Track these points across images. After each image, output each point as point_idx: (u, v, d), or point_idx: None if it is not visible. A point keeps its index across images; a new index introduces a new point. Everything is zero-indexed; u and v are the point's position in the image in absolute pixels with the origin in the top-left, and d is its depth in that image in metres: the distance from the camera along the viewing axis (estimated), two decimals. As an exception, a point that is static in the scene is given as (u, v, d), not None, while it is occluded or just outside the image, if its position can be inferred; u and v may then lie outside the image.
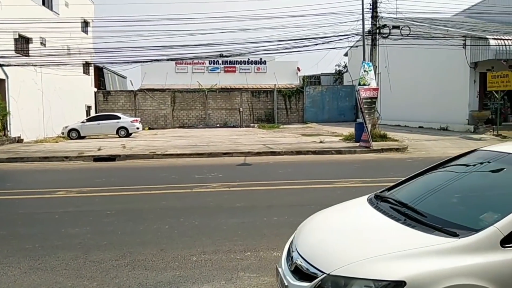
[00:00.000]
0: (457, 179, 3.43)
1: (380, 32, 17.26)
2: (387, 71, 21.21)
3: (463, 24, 22.98)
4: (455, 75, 21.44)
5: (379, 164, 12.16)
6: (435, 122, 22.84)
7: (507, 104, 22.56)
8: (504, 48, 18.66)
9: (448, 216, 2.84)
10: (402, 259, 2.43)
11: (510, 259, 2.36)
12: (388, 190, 3.73)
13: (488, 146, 3.73)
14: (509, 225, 2.42)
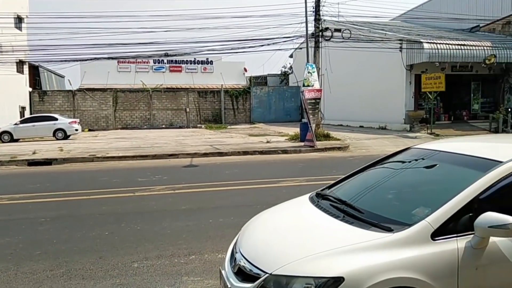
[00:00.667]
0: (392, 176, 3.58)
1: (323, 34, 17.75)
2: (329, 72, 21.89)
3: (400, 28, 24.30)
4: (392, 76, 22.57)
5: (323, 162, 12.49)
6: (374, 122, 23.90)
7: (440, 105, 24.12)
8: (437, 52, 19.94)
9: (384, 212, 2.94)
10: (340, 256, 2.48)
11: (440, 251, 2.48)
12: (328, 188, 3.81)
13: (421, 144, 3.92)
14: (438, 219, 2.55)
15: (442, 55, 19.96)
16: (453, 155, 3.31)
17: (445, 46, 20.15)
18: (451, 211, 2.57)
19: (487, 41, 21.16)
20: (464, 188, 2.65)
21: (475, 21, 24.22)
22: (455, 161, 3.23)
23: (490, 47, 20.59)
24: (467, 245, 2.50)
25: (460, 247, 2.50)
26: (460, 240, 2.52)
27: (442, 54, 19.96)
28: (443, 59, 20.03)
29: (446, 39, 20.99)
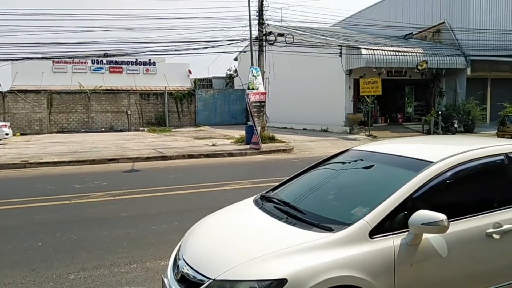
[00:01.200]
0: (333, 176, 3.68)
1: (267, 38, 17.99)
2: (274, 76, 22.21)
3: (339, 34, 25.23)
4: (333, 81, 23.37)
5: (268, 164, 12.62)
6: (317, 124, 24.60)
7: (377, 108, 25.35)
8: (374, 57, 20.95)
9: (325, 212, 3.02)
10: (283, 257, 2.49)
11: (377, 249, 2.58)
12: (273, 190, 3.84)
13: (360, 146, 4.07)
14: (376, 217, 2.65)
15: (378, 61, 21.00)
16: (389, 156, 3.47)
17: (381, 52, 21.23)
18: (387, 210, 2.68)
19: (419, 48, 22.58)
20: (399, 188, 2.78)
21: (408, 28, 25.75)
22: (390, 162, 3.38)
23: (422, 54, 21.99)
24: (403, 242, 2.62)
25: (396, 245, 2.61)
26: (396, 238, 2.64)
27: (378, 59, 21.01)
28: (379, 64, 21.08)
29: (382, 46, 22.12)
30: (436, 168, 2.92)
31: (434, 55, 22.27)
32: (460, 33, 23.31)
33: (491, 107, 25.13)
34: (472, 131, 22.05)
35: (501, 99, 23.66)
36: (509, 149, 3.27)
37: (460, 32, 23.30)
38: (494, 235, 2.87)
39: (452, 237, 2.73)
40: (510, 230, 2.92)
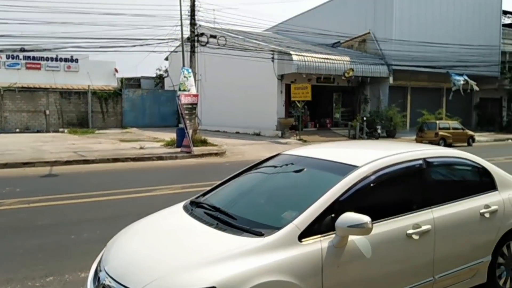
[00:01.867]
0: (264, 181, 3.68)
1: (199, 39, 17.78)
2: (206, 78, 22.03)
3: (272, 39, 25.75)
4: (265, 85, 23.74)
5: (200, 168, 12.43)
6: (250, 128, 24.82)
7: (307, 113, 26.19)
8: (304, 64, 21.65)
9: (256, 217, 2.98)
10: (212, 265, 2.41)
11: (306, 252, 2.59)
12: (203, 195, 3.74)
13: (291, 150, 4.11)
14: (304, 221, 2.67)
15: (309, 67, 21.74)
16: (318, 160, 3.54)
17: (311, 59, 22.00)
18: (316, 213, 2.71)
19: (346, 56, 23.76)
20: (327, 191, 2.83)
21: (337, 37, 26.99)
22: (319, 166, 3.45)
23: (349, 62, 23.15)
24: (330, 244, 2.66)
25: (323, 247, 2.64)
26: (324, 240, 2.67)
27: (309, 66, 21.74)
28: (309, 70, 21.83)
29: (312, 52, 22.94)
30: (361, 172, 3.02)
31: (360, 64, 23.57)
32: (383, 44, 24.92)
33: (411, 114, 27.17)
34: (393, 136, 23.63)
35: (420, 107, 25.70)
36: (427, 154, 3.49)
37: (383, 42, 24.91)
38: (414, 236, 3.03)
39: (375, 238, 2.82)
40: (428, 230, 3.09)
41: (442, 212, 3.25)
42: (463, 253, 3.39)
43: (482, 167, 3.81)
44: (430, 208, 3.22)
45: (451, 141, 19.82)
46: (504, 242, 3.66)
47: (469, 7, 27.80)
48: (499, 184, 3.78)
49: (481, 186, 3.72)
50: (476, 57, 26.80)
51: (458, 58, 26.06)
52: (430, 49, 25.03)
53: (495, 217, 3.57)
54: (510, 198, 3.73)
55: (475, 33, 27.73)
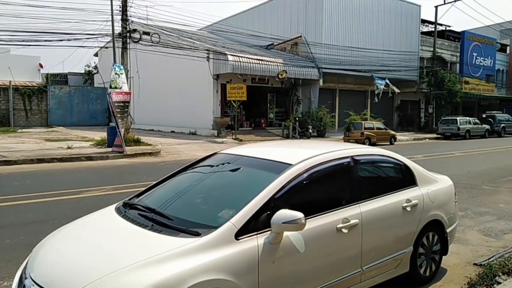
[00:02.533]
0: (201, 180, 3.66)
1: (131, 36, 17.19)
2: (140, 76, 21.36)
3: (207, 38, 25.60)
4: (201, 84, 23.57)
5: (133, 169, 12.03)
6: (185, 127, 24.48)
7: (243, 113, 26.41)
8: (240, 64, 21.79)
9: (193, 217, 2.98)
10: (147, 267, 2.37)
11: (242, 249, 2.64)
12: (137, 196, 3.65)
13: (227, 149, 4.15)
14: (241, 219, 2.72)
15: (244, 68, 21.93)
16: (253, 159, 3.61)
17: (246, 59, 22.22)
18: (252, 211, 2.77)
19: (280, 58, 24.31)
20: (263, 189, 2.91)
21: (270, 39, 27.52)
22: (255, 165, 3.52)
23: (282, 64, 23.70)
24: (266, 241, 2.74)
25: (260, 244, 2.71)
26: (260, 237, 2.74)
27: (244, 66, 21.94)
28: (245, 71, 22.03)
29: (247, 53, 23.17)
30: (295, 170, 3.14)
31: (293, 66, 24.24)
32: (314, 47, 25.86)
33: (339, 114, 28.50)
34: (324, 136, 24.63)
35: (347, 108, 27.10)
36: (354, 153, 3.71)
37: (314, 46, 25.85)
38: (343, 230, 3.21)
39: (308, 233, 2.95)
40: (356, 224, 3.30)
41: (368, 207, 3.47)
42: (388, 244, 3.65)
43: (404, 165, 4.13)
44: (357, 203, 3.42)
45: (375, 140, 21.15)
46: (424, 234, 4.00)
47: (391, 15, 29.78)
48: (419, 180, 4.11)
49: (403, 182, 4.02)
50: (398, 62, 28.84)
51: (381, 62, 27.86)
52: (357, 53, 26.48)
53: (416, 211, 3.88)
54: (428, 193, 4.08)
55: (397, 39, 29.81)
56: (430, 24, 34.58)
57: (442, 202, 4.21)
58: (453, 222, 4.42)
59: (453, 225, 4.41)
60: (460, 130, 27.03)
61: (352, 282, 3.33)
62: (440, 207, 4.16)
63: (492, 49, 38.78)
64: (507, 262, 4.25)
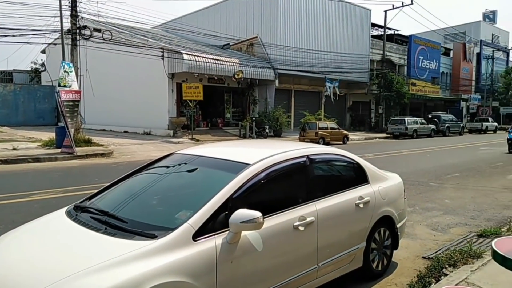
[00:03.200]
0: (157, 181, 3.58)
1: (81, 32, 16.52)
2: (90, 74, 20.56)
3: (161, 37, 25.11)
4: (156, 83, 23.10)
5: (84, 170, 11.57)
6: (139, 127, 23.89)
7: (199, 112, 26.18)
8: (195, 63, 21.56)
9: (149, 219, 2.91)
10: (100, 272, 2.29)
11: (200, 250, 2.61)
12: (89, 199, 3.52)
13: (183, 150, 4.08)
14: (199, 220, 2.69)
15: (200, 67, 21.74)
16: (211, 159, 3.59)
17: (202, 59, 22.03)
18: (210, 211, 2.75)
19: (236, 58, 24.31)
20: (220, 190, 2.90)
21: (226, 39, 27.47)
22: (212, 165, 3.50)
23: (238, 64, 23.73)
24: (224, 241, 2.73)
25: (217, 244, 2.70)
26: (218, 238, 2.73)
27: (200, 66, 21.74)
28: (201, 70, 21.83)
29: (203, 53, 22.98)
30: (252, 169, 3.15)
31: (249, 66, 24.34)
32: (269, 48, 26.11)
33: (294, 115, 28.99)
34: (280, 135, 24.94)
35: (302, 108, 27.63)
36: (310, 152, 3.79)
37: (269, 47, 26.10)
38: (300, 227, 3.26)
39: (266, 232, 2.97)
40: (312, 222, 3.36)
41: (323, 204, 3.55)
42: (342, 241, 3.75)
43: (356, 163, 4.26)
44: (313, 201, 3.49)
45: (329, 139, 21.72)
46: (376, 229, 4.15)
47: (343, 19, 30.71)
48: (371, 178, 4.27)
49: (356, 180, 4.15)
50: (350, 64, 29.78)
51: (334, 64, 28.65)
52: (311, 55, 27.06)
53: (368, 207, 4.02)
54: (379, 190, 4.24)
55: (349, 42, 30.77)
56: (379, 28, 35.98)
57: (392, 199, 4.39)
58: (402, 217, 4.62)
59: (403, 221, 4.61)
60: (408, 129, 28.31)
61: (308, 279, 3.39)
62: (390, 203, 4.33)
63: (437, 53, 40.99)
64: (453, 254, 4.51)
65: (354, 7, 31.74)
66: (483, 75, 47.38)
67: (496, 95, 47.56)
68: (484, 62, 47.33)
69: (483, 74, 47.35)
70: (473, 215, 6.88)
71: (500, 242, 2.54)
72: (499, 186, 9.64)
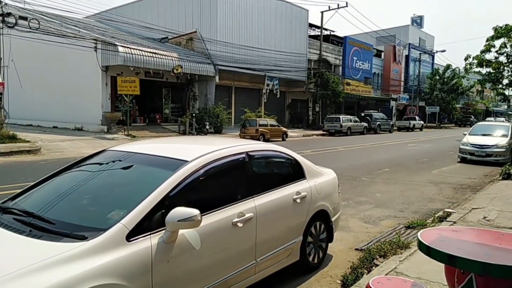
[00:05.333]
0: (88, 179, 3.39)
1: (5, 20, 15.25)
2: (16, 65, 19.03)
3: (94, 27, 23.86)
4: (88, 76, 21.95)
5: (7, 169, 10.71)
6: (70, 122, 22.57)
7: (136, 107, 25.32)
8: (131, 56, 20.79)
9: (79, 220, 2.76)
10: (24, 278, 2.11)
11: (134, 251, 2.51)
12: (12, 199, 3.26)
13: (117, 146, 3.90)
14: (133, 219, 2.58)
15: (136, 60, 21.00)
16: (147, 156, 3.46)
17: (139, 52, 21.30)
18: (145, 210, 2.66)
19: (175, 53, 23.80)
20: (156, 188, 2.80)
21: (164, 32, 26.75)
22: (148, 162, 3.38)
23: (177, 58, 23.25)
24: (160, 240, 2.65)
25: (153, 244, 2.61)
26: (154, 237, 2.64)
27: (136, 59, 21.00)
28: (137, 64, 21.10)
29: (139, 46, 22.21)
30: (190, 166, 3.09)
31: (188, 61, 23.96)
32: (210, 44, 25.88)
33: (235, 111, 29.03)
34: (220, 132, 24.86)
35: (243, 105, 27.74)
36: (249, 149, 3.79)
37: (209, 42, 25.86)
38: (239, 224, 3.26)
39: (205, 229, 2.93)
40: (250, 218, 3.37)
41: (262, 200, 3.58)
42: (280, 235, 3.81)
43: (294, 159, 4.35)
44: (252, 197, 3.51)
45: (269, 136, 22.07)
46: (312, 223, 4.26)
47: (282, 18, 31.26)
48: (307, 174, 4.38)
49: (293, 176, 4.24)
50: (289, 63, 30.42)
51: (274, 62, 29.12)
52: (251, 52, 27.24)
53: (305, 202, 4.12)
54: (316, 185, 4.36)
55: (287, 41, 31.40)
56: (317, 28, 37.10)
57: (327, 194, 4.54)
58: (337, 211, 4.80)
59: (337, 214, 4.79)
60: (342, 127, 29.54)
61: (247, 275, 3.40)
62: (326, 198, 4.48)
63: (369, 54, 43.16)
64: (383, 246, 4.77)
65: (293, 7, 32.43)
66: (411, 76, 50.68)
67: (422, 95, 51.11)
68: (412, 64, 50.61)
69: (411, 75, 50.63)
70: (402, 208, 7.34)
71: (425, 233, 2.70)
72: (425, 180, 10.37)
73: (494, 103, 73.71)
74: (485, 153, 13.77)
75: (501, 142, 13.86)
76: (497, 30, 24.63)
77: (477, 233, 3.10)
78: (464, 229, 3.62)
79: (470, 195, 8.29)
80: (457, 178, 10.75)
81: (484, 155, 13.77)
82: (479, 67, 26.18)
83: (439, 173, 11.71)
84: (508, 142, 13.92)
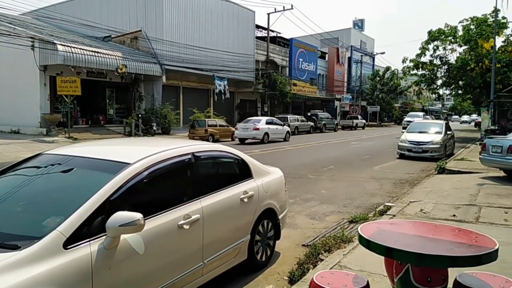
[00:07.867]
0: (22, 185, 3.19)
1: None
2: None
3: (31, 25, 22.50)
4: (25, 76, 20.69)
5: None
6: (5, 125, 21.13)
7: (77, 108, 24.19)
8: (72, 55, 19.84)
9: (10, 229, 2.60)
10: None
11: (73, 259, 2.40)
12: None
13: (55, 149, 3.70)
14: (70, 226, 2.46)
15: (77, 60, 20.08)
16: (87, 159, 3.32)
17: (80, 51, 20.38)
18: (84, 216, 2.54)
19: (118, 52, 23.02)
20: (96, 192, 2.69)
21: (107, 31, 25.78)
22: (88, 166, 3.24)
23: (121, 58, 22.51)
24: (100, 247, 2.54)
25: (93, 251, 2.50)
26: (94, 244, 2.53)
27: (77, 58, 20.07)
28: (78, 63, 20.18)
29: (80, 44, 21.25)
30: (132, 169, 3.00)
31: (133, 61, 23.29)
32: (155, 43, 25.30)
33: (183, 112, 28.61)
34: (169, 133, 24.39)
35: (191, 106, 27.39)
36: (195, 149, 3.75)
37: (155, 42, 25.29)
38: (185, 226, 3.21)
39: (149, 233, 2.86)
40: (197, 219, 3.33)
41: (209, 201, 3.55)
42: (227, 235, 3.80)
43: (241, 159, 4.37)
44: (199, 198, 3.47)
45: (218, 137, 21.98)
46: (260, 222, 4.30)
47: (229, 19, 31.28)
48: (254, 173, 4.41)
49: (241, 176, 4.25)
50: (237, 64, 30.50)
51: (222, 63, 29.07)
52: (199, 52, 27.01)
53: (252, 201, 4.15)
54: (262, 184, 4.41)
55: (235, 42, 31.46)
56: (264, 29, 37.48)
57: (274, 192, 4.61)
58: (284, 209, 4.88)
59: (284, 212, 4.87)
60: (290, 127, 30.03)
61: (194, 277, 3.36)
62: (273, 196, 4.54)
63: (314, 56, 44.32)
64: (328, 241, 4.91)
65: (240, 8, 32.53)
66: (354, 77, 52.69)
67: (364, 95, 53.33)
68: (354, 65, 52.63)
69: (353, 76, 52.63)
70: (345, 203, 7.61)
71: (365, 227, 2.82)
72: (367, 176, 10.83)
73: (429, 102, 78.44)
74: (422, 149, 14.62)
75: (436, 139, 14.79)
76: (431, 33, 26.27)
77: (413, 225, 3.29)
78: (402, 222, 3.82)
79: (408, 189, 8.78)
80: (396, 174, 11.33)
81: (421, 151, 14.63)
82: (415, 69, 27.74)
83: (380, 169, 12.27)
84: (442, 139, 14.89)
